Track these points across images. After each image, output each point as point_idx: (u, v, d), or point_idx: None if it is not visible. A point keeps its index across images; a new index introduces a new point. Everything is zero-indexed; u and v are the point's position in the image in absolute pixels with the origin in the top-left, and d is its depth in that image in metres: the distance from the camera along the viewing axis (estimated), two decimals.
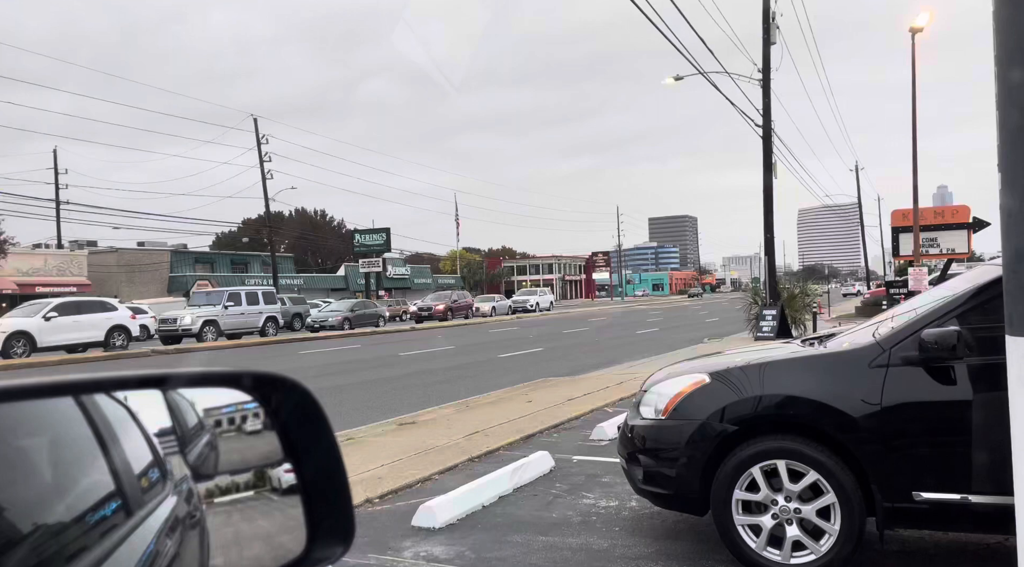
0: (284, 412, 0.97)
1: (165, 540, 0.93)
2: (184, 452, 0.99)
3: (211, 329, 28.11)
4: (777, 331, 18.41)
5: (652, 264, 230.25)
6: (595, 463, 6.88)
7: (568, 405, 10.14)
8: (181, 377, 0.95)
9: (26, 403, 0.82)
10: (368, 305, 39.74)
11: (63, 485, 0.88)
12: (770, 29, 18.95)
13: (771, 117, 19.46)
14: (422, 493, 5.91)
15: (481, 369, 16.68)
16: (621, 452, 4.87)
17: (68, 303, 24.74)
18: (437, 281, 76.09)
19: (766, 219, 19.71)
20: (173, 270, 54.93)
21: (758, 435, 4.18)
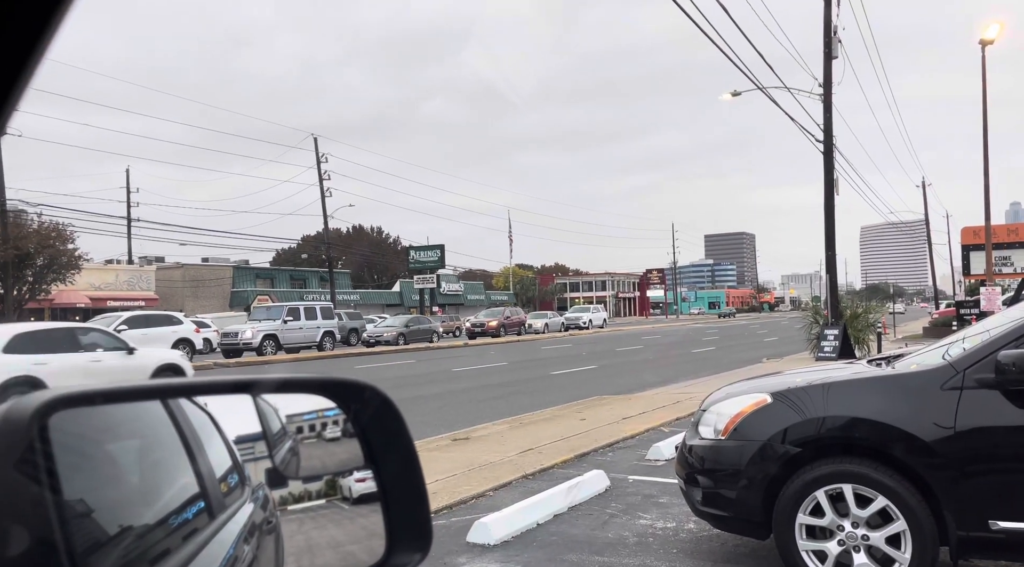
0: (364, 419, 0.99)
1: (243, 545, 0.95)
2: (262, 457, 1.01)
3: (271, 343, 28.78)
4: (839, 351, 17.87)
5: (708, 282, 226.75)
6: (651, 483, 6.77)
7: (623, 424, 10.02)
8: (268, 382, 0.97)
9: (118, 407, 0.85)
10: (422, 321, 40.13)
11: (150, 488, 0.91)
12: (832, 43, 18.58)
13: (832, 132, 19.04)
14: (476, 509, 5.91)
15: (534, 386, 16.64)
16: (679, 472, 4.79)
17: (137, 317, 25.63)
18: (490, 297, 76.44)
19: (827, 236, 19.23)
20: (235, 285, 56.56)
21: (822, 457, 4.06)
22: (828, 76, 18.85)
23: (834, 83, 18.85)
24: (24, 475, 0.61)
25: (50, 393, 0.68)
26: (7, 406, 0.63)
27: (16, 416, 0.62)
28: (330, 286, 49.12)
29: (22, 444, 0.61)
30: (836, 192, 19.31)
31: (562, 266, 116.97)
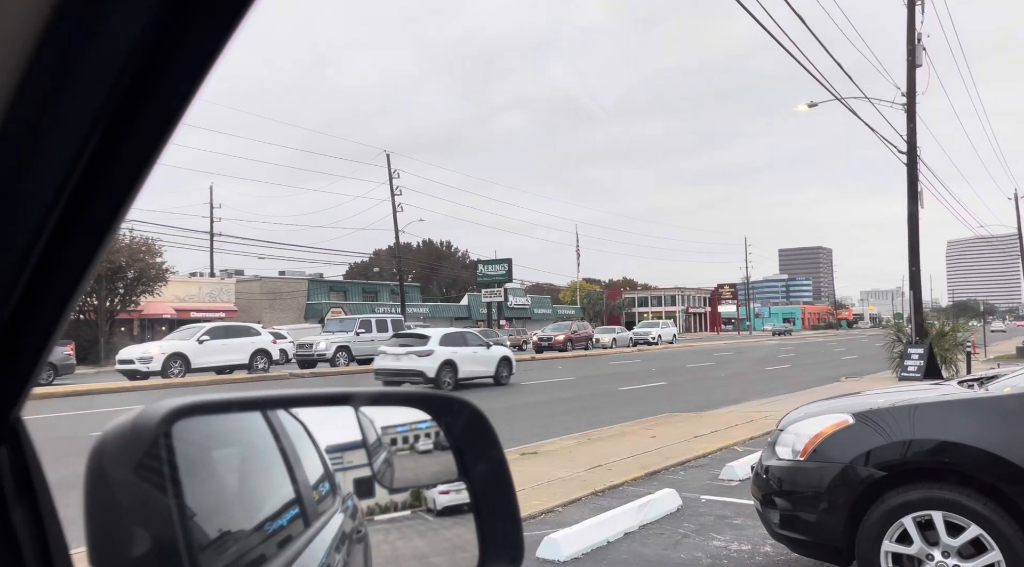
0: (456, 431, 1.01)
1: (335, 554, 0.98)
2: (352, 467, 1.04)
3: (344, 354, 29.43)
4: (925, 371, 17.08)
5: (782, 297, 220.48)
6: (725, 503, 6.61)
7: (694, 442, 9.82)
8: (364, 395, 1.00)
9: (223, 416, 0.89)
10: (490, 334, 40.36)
11: (248, 494, 0.95)
12: (915, 51, 17.92)
13: (916, 143, 18.32)
14: (545, 525, 5.88)
15: (602, 401, 16.48)
16: (755, 493, 4.66)
17: (219, 327, 26.57)
18: (557, 311, 76.27)
19: (911, 250, 18.46)
20: (310, 298, 58.18)
21: (908, 482, 3.88)
22: (912, 85, 18.17)
23: (918, 92, 18.16)
24: (147, 480, 0.65)
25: (175, 402, 0.72)
26: (136, 413, 0.67)
27: (144, 422, 0.66)
28: (400, 299, 50.00)
29: (143, 449, 0.65)
30: (920, 205, 18.54)
31: (630, 280, 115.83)
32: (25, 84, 0.42)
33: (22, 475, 0.61)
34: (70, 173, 0.46)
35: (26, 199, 0.47)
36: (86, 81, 0.44)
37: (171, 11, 0.41)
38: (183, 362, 24.27)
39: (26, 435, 0.62)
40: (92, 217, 0.50)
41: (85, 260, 0.53)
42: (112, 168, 0.48)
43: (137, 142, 0.47)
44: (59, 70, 0.43)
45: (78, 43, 0.42)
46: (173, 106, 0.45)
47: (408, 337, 21.33)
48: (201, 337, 25.13)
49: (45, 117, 0.44)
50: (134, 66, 0.44)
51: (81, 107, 0.45)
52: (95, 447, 0.64)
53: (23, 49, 0.40)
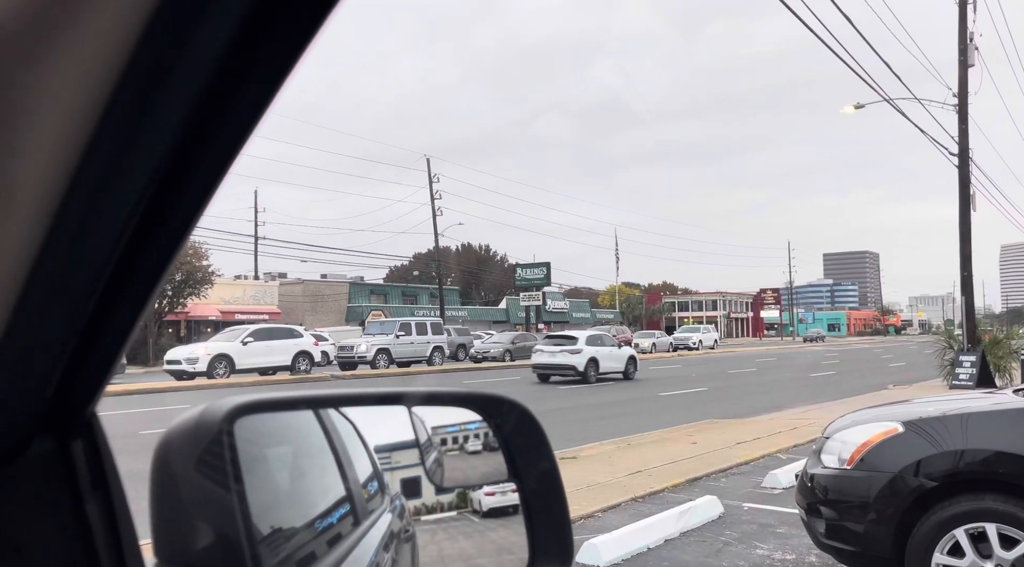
0: (506, 432, 1.02)
1: (384, 553, 0.99)
2: (399, 467, 1.06)
3: (384, 357, 29.73)
4: (977, 380, 16.57)
5: (827, 302, 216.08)
6: (768, 512, 6.50)
7: (736, 449, 9.68)
8: (415, 395, 1.02)
9: (275, 414, 0.91)
10: (528, 338, 40.34)
11: (299, 492, 0.97)
12: (968, 50, 17.44)
13: (968, 144, 17.81)
14: (585, 530, 5.86)
15: (641, 406, 16.35)
16: (800, 502, 4.57)
17: (262, 330, 27.09)
18: (595, 315, 75.93)
19: (963, 255, 17.94)
20: (351, 300, 58.91)
21: (960, 493, 3.77)
22: (964, 85, 17.69)
23: (970, 92, 17.67)
24: (210, 475, 0.67)
25: (236, 399, 0.74)
26: (201, 409, 0.70)
27: (209, 419, 0.68)
28: (439, 302, 50.34)
29: (204, 444, 0.67)
30: (972, 208, 18.02)
31: (670, 284, 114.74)
32: (117, 94, 0.43)
33: (96, 469, 0.63)
34: (151, 184, 0.48)
35: (111, 207, 0.49)
36: (177, 86, 0.44)
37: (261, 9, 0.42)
38: (228, 363, 24.81)
39: (100, 430, 0.65)
40: (168, 224, 0.52)
41: (160, 265, 0.55)
42: (190, 174, 0.50)
43: (216, 148, 0.49)
44: (152, 77, 0.43)
45: (173, 46, 0.42)
46: (253, 109, 0.47)
47: (560, 338, 25.06)
48: (245, 339, 25.60)
49: (135, 126, 0.45)
50: (222, 68, 0.44)
51: (170, 113, 0.46)
52: (161, 442, 0.66)
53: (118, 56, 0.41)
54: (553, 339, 25.31)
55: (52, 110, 0.42)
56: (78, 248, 0.49)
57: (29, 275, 0.48)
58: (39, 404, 0.58)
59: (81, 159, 0.45)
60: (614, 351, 24.69)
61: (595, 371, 23.24)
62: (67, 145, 0.44)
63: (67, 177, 0.45)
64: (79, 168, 0.45)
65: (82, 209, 0.47)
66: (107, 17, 0.40)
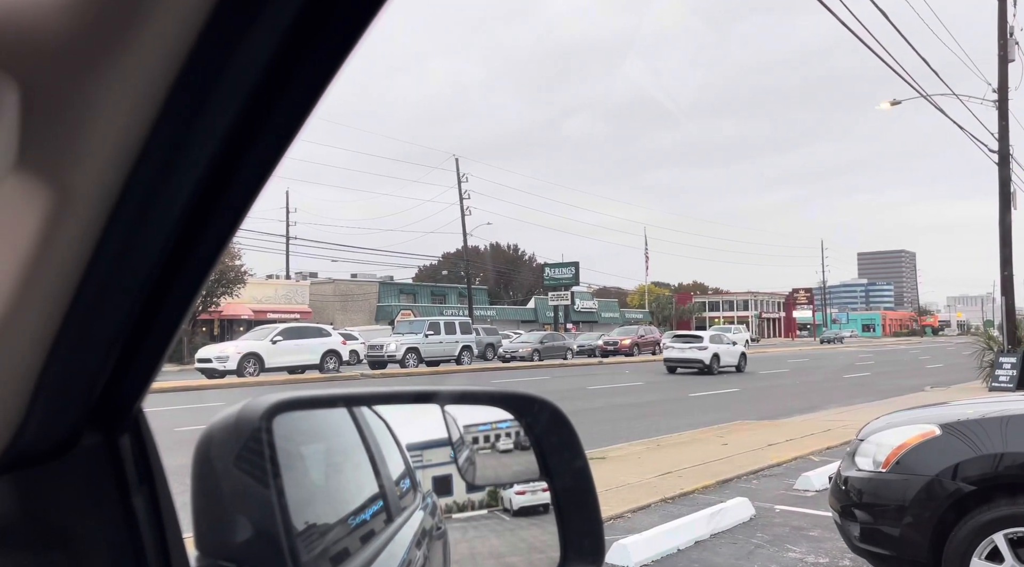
0: (537, 431, 1.02)
1: (416, 550, 1.00)
2: (431, 465, 1.06)
3: (413, 356, 29.89)
4: (1018, 382, 16.18)
5: (862, 302, 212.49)
6: (801, 515, 6.41)
7: (768, 451, 9.56)
8: (448, 394, 1.03)
9: (311, 412, 0.93)
10: (556, 338, 40.28)
11: (333, 489, 0.98)
12: (1008, 45, 17.03)
13: (1009, 141, 17.39)
14: (614, 530, 5.83)
15: (671, 407, 16.24)
16: (833, 505, 4.50)
17: (291, 329, 27.09)
18: (624, 315, 75.51)
19: (1003, 254, 17.52)
20: (380, 300, 59.34)
21: (999, 497, 3.69)
22: (1004, 81, 17.28)
23: (1010, 88, 17.25)
24: (249, 471, 0.68)
25: (275, 397, 0.75)
26: (240, 406, 0.71)
27: (248, 416, 0.70)
28: (468, 302, 50.49)
29: (242, 441, 0.69)
30: (1013, 206, 17.59)
31: (700, 284, 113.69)
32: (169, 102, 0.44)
33: (142, 463, 0.65)
34: (200, 185, 0.50)
35: (161, 211, 0.50)
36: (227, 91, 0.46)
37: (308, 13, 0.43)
38: (257, 362, 24.79)
39: (146, 426, 0.66)
40: (212, 227, 0.54)
41: (204, 268, 0.56)
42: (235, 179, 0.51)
43: (259, 154, 0.50)
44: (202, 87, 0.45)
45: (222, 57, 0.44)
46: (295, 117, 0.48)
47: (687, 337, 29.56)
48: (274, 338, 25.70)
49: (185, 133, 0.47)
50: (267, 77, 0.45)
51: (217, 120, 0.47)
52: (202, 438, 0.68)
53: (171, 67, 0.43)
54: (681, 338, 29.25)
55: (110, 117, 0.44)
56: (129, 250, 0.51)
57: (83, 275, 0.50)
58: (89, 400, 0.59)
59: (134, 165, 0.46)
60: (730, 348, 28.67)
61: (717, 364, 27.14)
62: (122, 151, 0.45)
63: (121, 181, 0.47)
64: (132, 173, 0.47)
65: (134, 212, 0.49)
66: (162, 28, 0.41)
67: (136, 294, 0.54)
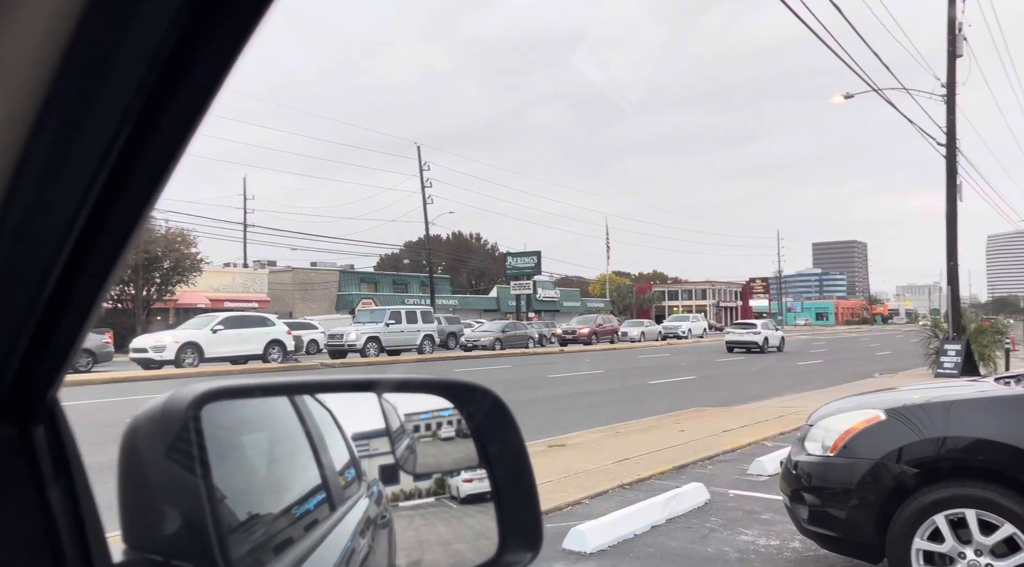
0: (478, 419, 1.02)
1: (360, 539, 1.00)
2: (377, 454, 1.06)
3: (374, 345, 29.67)
4: (962, 368, 16.75)
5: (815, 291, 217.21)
6: (753, 499, 6.56)
7: (723, 437, 9.75)
8: (388, 382, 1.02)
9: (251, 401, 0.92)
10: (519, 327, 40.37)
11: (276, 479, 0.97)
12: (956, 41, 17.48)
13: (956, 135, 17.89)
14: (572, 516, 5.90)
15: (630, 395, 16.43)
16: (784, 489, 4.62)
17: (233, 317, 25.86)
18: (586, 304, 75.96)
19: (949, 245, 18.07)
20: (341, 289, 58.73)
21: (941, 480, 3.82)
22: (952, 76, 17.75)
23: (959, 83, 17.73)
24: (178, 461, 0.67)
25: (204, 386, 0.74)
26: (167, 396, 0.70)
27: (175, 405, 0.68)
28: (430, 291, 50.28)
29: (174, 431, 0.67)
30: (959, 198, 18.13)
31: (661, 274, 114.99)
32: (58, 84, 0.43)
33: (58, 455, 0.63)
34: (100, 169, 0.48)
35: (59, 194, 0.49)
36: (116, 79, 0.45)
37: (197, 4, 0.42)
38: (196, 351, 23.74)
39: (62, 416, 0.65)
40: (121, 211, 0.52)
41: (115, 251, 0.55)
42: (141, 163, 0.50)
43: (163, 138, 0.49)
44: (90, 69, 0.44)
45: (109, 39, 0.43)
46: (198, 101, 0.47)
47: (744, 324, 39.30)
48: (215, 326, 24.51)
49: (77, 117, 0.46)
50: (161, 61, 0.45)
51: (110, 106, 0.46)
52: (128, 429, 0.66)
53: (55, 50, 0.42)
54: (739, 325, 39.26)
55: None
56: (28, 234, 0.49)
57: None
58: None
59: (23, 150, 0.45)
60: (774, 333, 37.70)
61: (767, 345, 35.32)
62: (8, 136, 0.44)
63: (11, 166, 0.46)
64: (22, 158, 0.46)
65: (29, 197, 0.48)
66: (42, 11, 0.40)
67: (41, 280, 0.52)
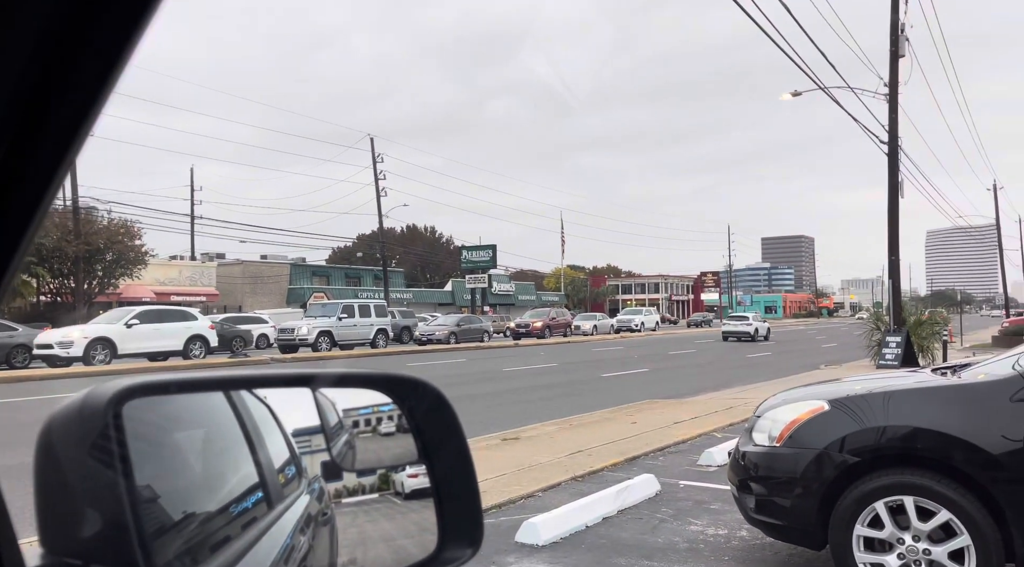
0: (418, 414, 1.01)
1: (299, 536, 0.98)
2: (319, 451, 1.04)
3: (326, 339, 29.31)
4: (902, 359, 17.32)
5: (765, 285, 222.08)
6: (703, 489, 6.68)
7: (674, 428, 9.90)
8: (326, 377, 1.00)
9: (183, 397, 0.88)
10: (473, 320, 40.30)
11: (212, 477, 0.94)
12: (898, 41, 18.00)
13: (898, 133, 18.45)
14: (525, 509, 5.92)
15: (584, 388, 16.57)
16: (732, 479, 4.71)
17: (150, 311, 24.35)
18: (541, 298, 76.35)
19: (891, 240, 18.65)
20: (292, 282, 57.84)
21: (881, 468, 3.94)
22: (894, 75, 18.28)
23: (900, 83, 18.27)
24: (97, 460, 0.64)
25: (125, 382, 0.71)
26: (85, 393, 0.67)
27: (93, 403, 0.65)
28: (384, 284, 49.84)
29: (96, 430, 0.64)
30: (901, 195, 18.71)
31: (614, 267, 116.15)
32: None
33: None
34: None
35: None
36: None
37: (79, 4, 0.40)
38: (108, 347, 22.07)
39: None
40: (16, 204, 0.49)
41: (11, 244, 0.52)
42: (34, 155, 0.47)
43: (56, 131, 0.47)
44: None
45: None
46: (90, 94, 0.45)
47: (738, 317, 45.34)
48: (129, 321, 22.82)
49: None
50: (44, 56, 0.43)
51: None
52: (44, 428, 0.63)
53: None
54: (734, 318, 45.49)
55: None
56: None
57: None
58: None
59: None
60: (762, 325, 43.67)
61: (757, 335, 41.17)
62: None
63: None
64: None
65: None
66: None
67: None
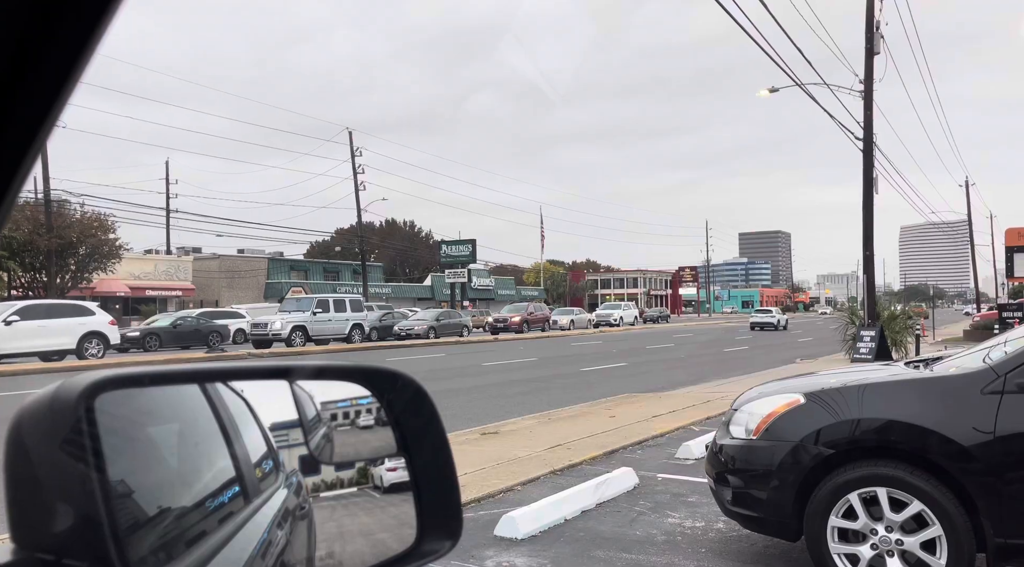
0: (397, 407, 1.00)
1: (277, 530, 0.97)
2: (297, 444, 1.03)
3: (300, 334, 29.10)
4: (876, 353, 17.56)
5: (742, 280, 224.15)
6: (681, 482, 6.73)
7: (652, 422, 9.96)
8: (304, 369, 0.99)
9: (158, 390, 0.87)
10: (453, 315, 40.24)
11: (188, 471, 0.93)
12: (874, 38, 18.20)
13: (873, 130, 18.66)
14: (504, 503, 5.93)
15: (563, 382, 16.62)
16: (709, 472, 4.75)
17: (34, 307, 22.15)
18: (520, 293, 76.38)
19: (865, 236, 18.88)
20: (270, 276, 57.32)
21: (856, 460, 4.00)
22: (869, 72, 18.48)
23: (875, 80, 18.48)
24: (69, 455, 0.63)
25: (97, 374, 0.70)
26: (56, 386, 0.65)
27: (64, 396, 0.64)
28: (362, 279, 49.57)
29: (68, 424, 0.63)
30: (875, 191, 18.94)
31: (594, 262, 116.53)
32: None
33: None
34: None
35: None
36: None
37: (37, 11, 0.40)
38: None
39: None
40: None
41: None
42: None
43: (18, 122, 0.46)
44: None
45: None
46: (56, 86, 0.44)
47: (764, 310, 52.18)
48: (8, 317, 20.49)
49: None
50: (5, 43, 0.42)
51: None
52: (13, 422, 0.62)
53: None
54: (761, 311, 53.55)
55: None
56: None
57: None
58: None
59: None
60: (782, 317, 51.10)
61: (780, 325, 48.75)
62: None
63: None
64: None
65: None
66: None
67: None
